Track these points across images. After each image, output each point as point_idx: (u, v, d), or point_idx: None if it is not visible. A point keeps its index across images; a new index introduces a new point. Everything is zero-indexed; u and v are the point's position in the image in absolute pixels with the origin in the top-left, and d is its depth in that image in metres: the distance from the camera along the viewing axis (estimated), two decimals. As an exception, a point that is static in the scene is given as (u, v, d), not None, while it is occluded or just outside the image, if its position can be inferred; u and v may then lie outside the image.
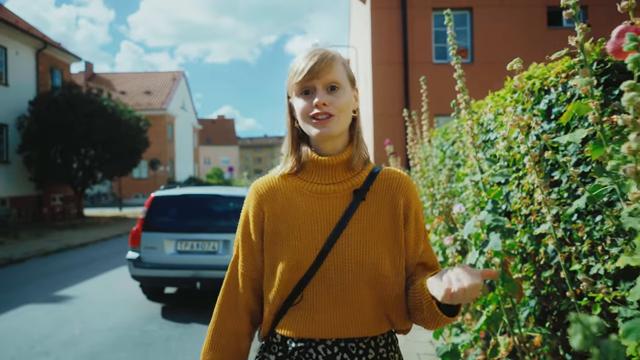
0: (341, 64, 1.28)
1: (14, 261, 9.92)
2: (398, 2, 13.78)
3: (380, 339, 1.26)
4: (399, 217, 1.29)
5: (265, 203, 1.30)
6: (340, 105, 1.23)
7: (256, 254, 1.32)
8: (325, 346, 1.21)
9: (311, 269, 1.22)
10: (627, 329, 1.06)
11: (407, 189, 1.32)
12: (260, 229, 1.31)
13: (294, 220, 1.26)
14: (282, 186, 1.31)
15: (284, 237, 1.25)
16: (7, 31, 17.37)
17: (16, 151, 17.90)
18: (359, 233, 1.24)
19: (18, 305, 6.27)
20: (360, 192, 1.28)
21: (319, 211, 1.26)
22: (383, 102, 13.61)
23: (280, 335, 1.26)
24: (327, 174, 1.29)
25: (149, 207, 6.05)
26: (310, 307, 1.21)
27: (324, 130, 1.22)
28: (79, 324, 5.43)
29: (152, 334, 5.05)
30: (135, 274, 5.88)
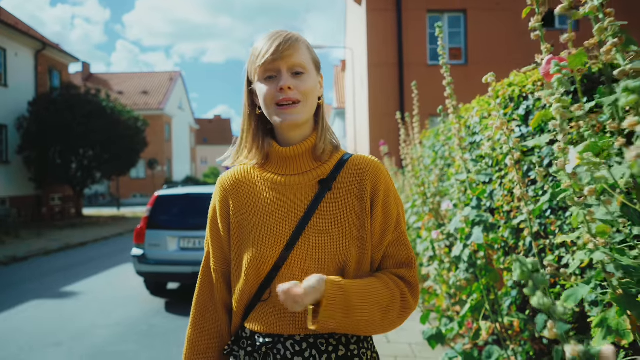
0: (305, 46, 1.23)
1: (18, 259, 10.12)
2: (393, 4, 14.02)
3: (352, 336, 1.21)
4: (366, 206, 1.22)
5: (230, 196, 1.28)
6: (305, 89, 1.19)
7: (225, 248, 1.29)
8: (294, 342, 1.17)
9: (277, 263, 1.18)
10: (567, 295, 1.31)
11: (376, 174, 1.25)
12: (226, 222, 1.28)
13: (259, 213, 1.23)
14: (247, 179, 1.28)
15: (249, 231, 1.22)
16: (7, 32, 17.53)
17: (16, 151, 18.06)
18: (325, 225, 1.19)
19: (26, 301, 6.48)
20: (326, 182, 1.23)
21: (284, 203, 1.22)
22: (379, 102, 13.85)
23: (249, 330, 1.23)
24: (291, 165, 1.25)
25: (152, 205, 6.29)
26: (278, 302, 1.15)
27: (289, 117, 1.18)
28: (86, 318, 5.66)
29: (158, 327, 5.28)
30: (140, 270, 6.12)
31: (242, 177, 1.29)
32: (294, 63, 1.18)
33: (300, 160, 1.25)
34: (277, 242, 1.19)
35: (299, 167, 1.25)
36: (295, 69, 1.18)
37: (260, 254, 1.18)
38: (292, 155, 1.24)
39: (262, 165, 1.28)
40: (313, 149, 1.25)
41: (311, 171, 1.25)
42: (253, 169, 1.29)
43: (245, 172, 1.29)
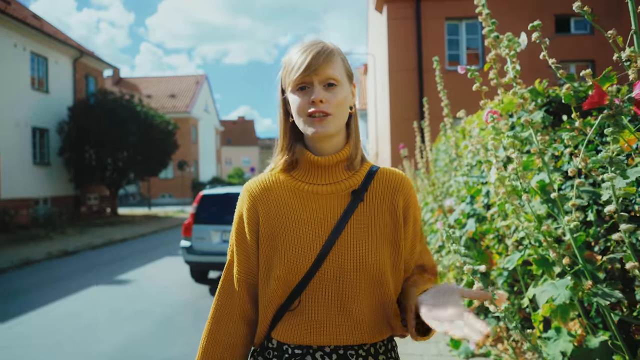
0: (339, 58, 1.23)
1: (69, 253, 11.16)
2: (413, 13, 14.73)
3: (380, 346, 1.22)
4: (399, 218, 1.25)
5: (259, 204, 1.25)
6: (337, 102, 1.19)
7: (252, 257, 1.26)
8: (324, 353, 1.16)
9: (308, 273, 1.17)
10: (507, 259, 2.08)
11: (407, 189, 1.28)
12: (255, 230, 1.25)
13: (290, 222, 1.21)
14: (276, 186, 1.27)
15: (280, 240, 1.20)
16: (48, 42, 18.75)
17: (57, 154, 19.28)
18: (359, 235, 1.19)
19: (87, 287, 7.43)
20: (358, 193, 1.24)
21: (316, 213, 1.22)
22: (399, 107, 14.56)
23: (277, 341, 1.21)
24: (324, 174, 1.25)
25: (198, 203, 7.18)
26: (308, 313, 1.17)
27: (320, 129, 1.17)
28: (145, 299, 6.58)
29: (207, 306, 6.14)
30: (187, 260, 7.02)
31: (271, 184, 1.27)
32: (327, 76, 1.18)
33: (334, 170, 1.25)
34: (309, 252, 1.17)
35: (331, 176, 1.25)
36: (328, 81, 1.18)
37: (291, 264, 1.17)
38: (326, 164, 1.24)
39: (290, 173, 1.28)
40: (348, 159, 1.26)
41: (343, 181, 1.25)
42: (280, 176, 1.28)
43: (274, 180, 1.28)
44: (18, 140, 17.07)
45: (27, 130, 17.70)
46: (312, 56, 1.16)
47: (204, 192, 7.40)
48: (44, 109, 18.72)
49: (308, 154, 1.24)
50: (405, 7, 14.72)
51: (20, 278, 8.32)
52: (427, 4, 14.60)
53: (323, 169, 1.25)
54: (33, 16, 19.75)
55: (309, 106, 1.17)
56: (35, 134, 18.37)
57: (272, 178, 1.28)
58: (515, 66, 2.12)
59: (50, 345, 4.76)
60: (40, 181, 18.34)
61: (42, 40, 18.30)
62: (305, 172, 1.26)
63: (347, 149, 1.26)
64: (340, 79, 1.20)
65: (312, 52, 1.17)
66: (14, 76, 16.85)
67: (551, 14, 14.56)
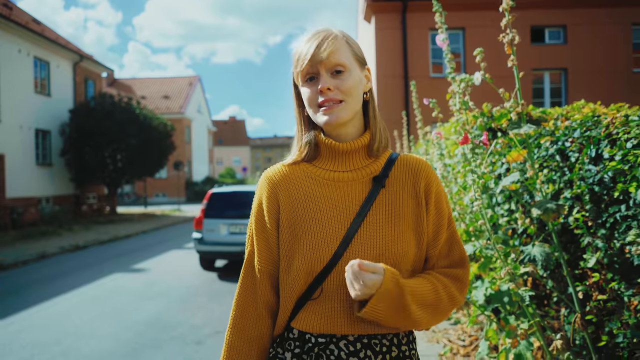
0: (345, 43, 1.20)
1: (80, 247, 12.03)
2: (399, 23, 15.76)
3: (403, 337, 1.20)
4: (422, 204, 1.22)
5: (280, 192, 1.24)
6: (346, 88, 1.16)
7: (272, 246, 1.24)
8: (347, 342, 1.14)
9: (331, 260, 1.15)
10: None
11: (428, 174, 1.25)
12: (275, 219, 1.24)
13: (312, 210, 1.20)
14: (296, 174, 1.25)
15: (302, 228, 1.19)
16: (50, 47, 19.54)
17: (59, 155, 20.07)
18: (381, 222, 1.17)
19: (106, 275, 8.33)
20: (379, 179, 1.21)
21: (338, 200, 1.20)
22: (387, 110, 15.57)
23: (298, 331, 1.19)
24: (344, 161, 1.24)
25: (208, 200, 8.17)
26: (330, 301, 1.15)
27: (331, 117, 1.16)
28: (163, 284, 7.52)
29: (217, 288, 7.12)
30: (199, 249, 7.99)
31: (292, 173, 1.26)
32: (333, 63, 1.16)
33: (354, 156, 1.24)
34: (332, 240, 1.16)
35: (352, 163, 1.23)
36: (335, 68, 1.16)
37: (314, 252, 1.15)
38: (347, 150, 1.22)
39: (311, 162, 1.26)
40: (369, 145, 1.24)
41: (364, 168, 1.23)
42: (301, 165, 1.27)
43: (294, 168, 1.27)
44: (22, 141, 17.86)
45: (31, 132, 18.49)
46: (316, 45, 1.15)
47: (213, 190, 8.40)
48: (46, 111, 19.51)
49: (327, 139, 1.23)
50: (391, 18, 15.76)
51: (42, 269, 9.21)
52: (412, 15, 15.64)
53: (343, 156, 1.23)
54: (34, 21, 20.50)
55: (318, 96, 1.17)
56: (38, 136, 19.16)
57: (292, 166, 1.27)
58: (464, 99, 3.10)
59: (90, 318, 5.68)
60: (43, 181, 19.14)
61: (44, 45, 19.10)
62: (326, 159, 1.25)
63: (367, 135, 1.24)
64: (347, 64, 1.18)
65: (316, 41, 1.16)
66: (18, 80, 17.63)
67: (527, 25, 15.66)
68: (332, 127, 1.20)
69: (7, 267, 9.39)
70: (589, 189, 2.55)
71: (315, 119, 1.21)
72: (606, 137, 2.45)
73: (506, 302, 2.93)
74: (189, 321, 5.51)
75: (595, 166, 2.51)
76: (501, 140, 3.15)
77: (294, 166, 1.27)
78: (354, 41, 1.24)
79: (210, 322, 5.43)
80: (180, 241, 13.18)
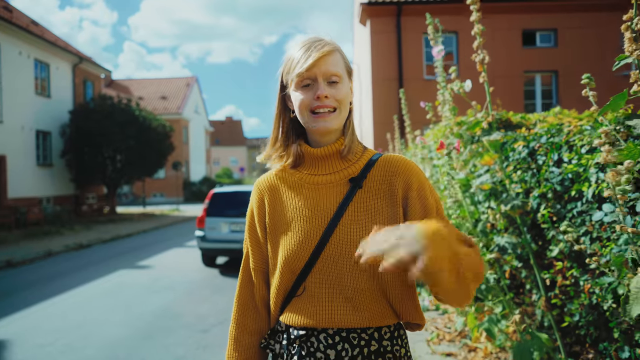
0: (340, 54, 1.27)
1: (84, 246, 12.37)
2: (394, 27, 16.15)
3: (386, 331, 1.24)
4: (397, 203, 1.25)
5: (266, 198, 1.33)
6: (340, 97, 1.23)
7: (263, 248, 1.34)
8: (327, 335, 1.22)
9: (310, 259, 1.22)
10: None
11: (406, 171, 1.27)
12: (263, 223, 1.33)
13: (292, 212, 1.27)
14: (282, 180, 1.33)
15: (283, 230, 1.27)
16: (50, 49, 19.83)
17: (59, 155, 20.37)
18: (356, 221, 1.22)
19: (112, 271, 8.68)
20: (356, 180, 1.26)
21: (316, 202, 1.26)
22: (382, 112, 15.95)
23: (284, 324, 1.28)
24: (323, 165, 1.30)
25: (210, 200, 8.54)
26: (311, 297, 1.23)
27: (324, 124, 1.22)
28: (167, 279, 7.89)
29: (219, 283, 7.49)
30: (201, 247, 8.37)
31: (277, 179, 1.34)
32: (330, 72, 1.22)
33: (330, 160, 1.29)
34: (309, 239, 1.23)
35: (330, 167, 1.29)
36: (331, 78, 1.22)
37: (293, 251, 1.23)
38: (322, 155, 1.29)
39: (296, 167, 1.33)
40: (341, 150, 1.29)
41: (342, 170, 1.28)
42: (286, 171, 1.34)
43: (280, 175, 1.34)
44: (23, 142, 18.16)
45: (32, 133, 18.78)
46: (316, 53, 1.19)
47: (214, 190, 8.79)
48: (47, 112, 19.79)
49: (305, 146, 1.30)
50: (386, 22, 16.14)
51: (50, 266, 9.55)
52: (407, 19, 16.03)
53: (322, 160, 1.30)
54: (33, 23, 20.78)
55: (314, 102, 1.21)
56: (38, 137, 19.45)
57: (278, 173, 1.35)
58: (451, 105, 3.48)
59: (104, 309, 6.04)
60: (43, 181, 19.44)
61: (44, 47, 19.39)
62: (308, 164, 1.31)
63: (341, 140, 1.30)
64: (342, 74, 1.24)
65: (316, 49, 1.20)
66: (19, 82, 17.92)
67: (520, 28, 16.08)
68: (322, 133, 1.27)
69: (16, 264, 9.73)
70: (552, 189, 2.93)
71: (307, 124, 1.26)
72: (566, 143, 2.83)
73: (483, 288, 3.31)
74: (195, 311, 5.87)
75: (558, 168, 2.89)
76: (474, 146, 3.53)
77: (281, 173, 1.35)
78: (344, 53, 1.31)
79: (214, 312, 5.80)
80: (180, 240, 13.53)
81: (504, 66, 15.77)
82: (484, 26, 2.74)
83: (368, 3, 15.84)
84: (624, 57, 1.59)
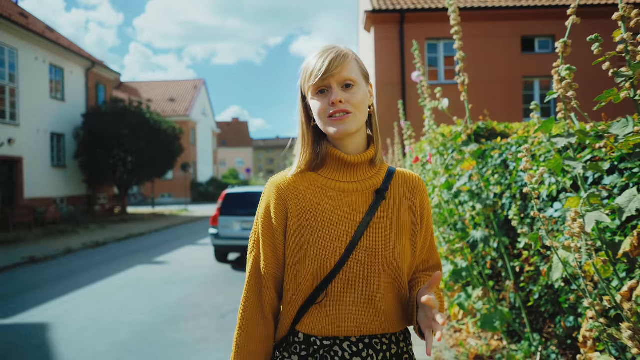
0: (354, 60, 1.28)
1: (100, 244, 13.01)
2: (397, 33, 16.74)
3: (400, 334, 1.30)
4: (417, 216, 1.33)
5: (289, 200, 1.29)
6: (356, 102, 1.24)
7: (279, 251, 1.30)
8: (350, 343, 1.22)
9: (337, 266, 1.22)
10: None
11: (422, 191, 1.37)
12: (283, 225, 1.29)
13: (319, 218, 1.26)
14: (303, 183, 1.31)
15: (309, 235, 1.25)
16: (64, 54, 20.55)
17: (72, 157, 21.07)
18: (383, 231, 1.26)
19: (130, 267, 9.31)
20: (381, 192, 1.30)
21: (343, 209, 1.27)
22: (386, 116, 16.51)
23: (303, 334, 1.26)
24: (350, 172, 1.30)
25: (223, 200, 9.18)
26: (334, 305, 1.22)
27: (341, 127, 1.24)
28: (184, 273, 8.52)
29: (231, 277, 8.11)
30: (215, 244, 9.01)
31: (298, 181, 1.32)
32: (344, 78, 1.24)
33: (359, 168, 1.31)
34: (338, 245, 1.23)
35: (357, 175, 1.31)
36: (346, 83, 1.25)
37: (322, 256, 1.22)
38: (354, 163, 1.30)
39: (316, 171, 1.32)
40: (373, 159, 1.33)
41: (367, 180, 1.31)
42: (306, 175, 1.33)
43: (301, 177, 1.32)
44: (39, 144, 18.86)
45: (47, 136, 19.48)
46: (329, 61, 1.22)
47: (227, 191, 9.45)
48: (61, 115, 20.51)
49: (336, 151, 1.30)
50: (390, 29, 16.74)
51: (70, 262, 10.19)
52: (410, 26, 16.62)
53: (350, 167, 1.30)
54: (47, 29, 21.49)
55: (330, 108, 1.24)
56: (53, 139, 20.15)
57: (298, 175, 1.33)
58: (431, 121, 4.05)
59: (128, 300, 6.65)
60: (57, 182, 20.14)
61: (59, 52, 20.11)
62: (332, 170, 1.31)
63: (372, 149, 1.33)
64: (357, 79, 1.26)
65: (329, 57, 1.23)
66: (35, 87, 18.62)
67: (518, 35, 16.63)
68: (340, 137, 1.27)
69: (38, 260, 10.38)
70: (520, 191, 3.51)
71: (326, 129, 1.27)
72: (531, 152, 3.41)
73: (464, 275, 3.89)
74: (212, 301, 6.48)
75: (524, 173, 3.47)
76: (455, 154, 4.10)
77: (300, 175, 1.33)
78: (360, 59, 1.33)
79: (229, 301, 6.41)
80: (192, 238, 14.16)
81: (504, 71, 16.38)
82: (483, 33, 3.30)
83: (372, 11, 16.44)
84: (552, 93, 2.17)
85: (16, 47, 17.53)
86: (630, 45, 1.40)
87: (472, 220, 4.52)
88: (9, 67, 17.31)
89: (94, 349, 4.70)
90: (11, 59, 17.43)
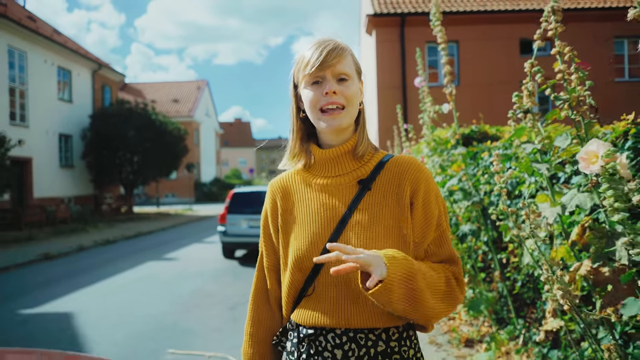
0: (350, 55, 1.29)
1: (110, 242, 13.43)
2: (398, 36, 17.12)
3: (394, 332, 1.25)
4: (405, 206, 1.26)
5: (279, 199, 1.36)
6: (349, 95, 1.25)
7: (275, 248, 1.38)
8: (335, 335, 1.23)
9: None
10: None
11: (416, 174, 1.28)
12: (276, 224, 1.36)
13: (302, 214, 1.30)
14: (294, 182, 1.36)
15: (293, 231, 1.30)
16: (72, 57, 21.02)
17: (80, 157, 21.52)
18: (364, 223, 1.24)
19: (142, 263, 9.72)
20: (365, 182, 1.28)
21: (326, 204, 1.29)
22: (387, 118, 16.90)
23: (295, 322, 1.31)
24: (334, 166, 1.31)
25: (230, 199, 9.61)
26: (320, 297, 1.25)
27: (333, 122, 1.24)
28: (194, 268, 8.95)
29: (239, 272, 8.52)
30: (223, 240, 9.43)
31: (289, 181, 1.38)
32: (339, 70, 1.24)
33: (341, 161, 1.31)
34: (319, 241, 1.25)
35: (340, 168, 1.31)
36: (340, 76, 1.25)
37: (303, 252, 1.26)
38: (333, 156, 1.31)
39: (308, 169, 1.36)
40: (354, 149, 1.31)
41: (352, 172, 1.30)
42: (299, 173, 1.37)
43: (292, 176, 1.38)
44: (47, 145, 19.31)
45: (55, 137, 19.93)
46: (327, 52, 1.22)
47: (235, 190, 9.89)
48: (68, 117, 20.97)
49: (315, 148, 1.33)
50: (391, 32, 17.11)
51: (84, 259, 10.62)
52: (410, 29, 17.00)
53: (333, 161, 1.31)
54: (55, 32, 21.93)
55: (323, 99, 1.24)
56: (61, 140, 20.62)
57: (291, 175, 1.39)
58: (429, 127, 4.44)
59: (144, 292, 7.05)
60: (65, 182, 20.60)
61: (66, 54, 20.59)
62: (319, 166, 1.33)
63: (352, 140, 1.31)
64: (351, 74, 1.26)
65: (327, 48, 1.23)
66: (44, 88, 19.08)
67: (517, 38, 17.01)
68: (331, 132, 1.28)
69: (53, 257, 10.80)
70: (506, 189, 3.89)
71: (317, 123, 1.27)
72: (514, 154, 3.80)
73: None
74: (222, 293, 6.91)
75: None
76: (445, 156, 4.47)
77: (293, 174, 1.39)
78: (354, 54, 1.33)
79: (239, 293, 6.83)
80: (198, 236, 14.57)
81: (503, 73, 16.72)
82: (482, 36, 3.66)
83: (374, 14, 16.82)
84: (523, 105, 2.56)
85: (25, 50, 17.98)
86: (566, 75, 1.78)
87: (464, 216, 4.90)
88: (19, 69, 17.76)
89: (113, 336, 5.10)
90: (21, 61, 17.89)
